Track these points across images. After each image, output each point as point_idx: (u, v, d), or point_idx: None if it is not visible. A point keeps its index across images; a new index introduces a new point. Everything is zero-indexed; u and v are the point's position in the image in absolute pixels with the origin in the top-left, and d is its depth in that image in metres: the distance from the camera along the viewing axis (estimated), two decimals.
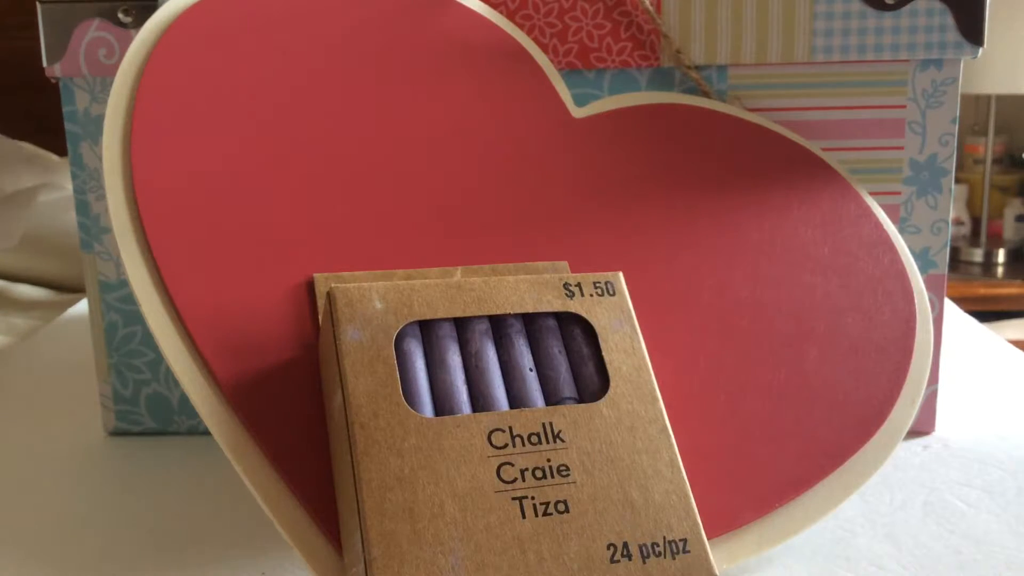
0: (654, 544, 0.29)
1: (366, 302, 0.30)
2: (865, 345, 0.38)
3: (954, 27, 0.43)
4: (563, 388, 0.31)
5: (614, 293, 0.33)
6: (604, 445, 0.30)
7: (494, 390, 0.31)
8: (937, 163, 0.44)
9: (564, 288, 0.33)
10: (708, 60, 0.43)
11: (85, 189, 0.46)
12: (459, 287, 0.32)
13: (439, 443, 0.29)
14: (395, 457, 0.28)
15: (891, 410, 0.37)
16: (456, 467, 0.28)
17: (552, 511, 0.29)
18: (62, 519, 0.41)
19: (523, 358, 0.32)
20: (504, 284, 0.32)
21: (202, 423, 0.49)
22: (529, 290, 0.32)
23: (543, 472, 0.29)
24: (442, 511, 0.28)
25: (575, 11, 0.43)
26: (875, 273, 0.39)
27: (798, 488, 0.35)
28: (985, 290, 1.91)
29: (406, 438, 0.29)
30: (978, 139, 2.12)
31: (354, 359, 0.29)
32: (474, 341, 0.31)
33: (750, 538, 0.35)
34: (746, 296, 0.38)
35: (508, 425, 0.30)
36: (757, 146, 0.41)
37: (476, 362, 0.31)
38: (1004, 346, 0.62)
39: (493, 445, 0.29)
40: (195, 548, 0.38)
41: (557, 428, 0.30)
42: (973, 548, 0.37)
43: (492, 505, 0.28)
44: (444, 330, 0.31)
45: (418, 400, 0.30)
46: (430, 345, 0.31)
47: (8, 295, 0.98)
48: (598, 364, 0.32)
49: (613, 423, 0.31)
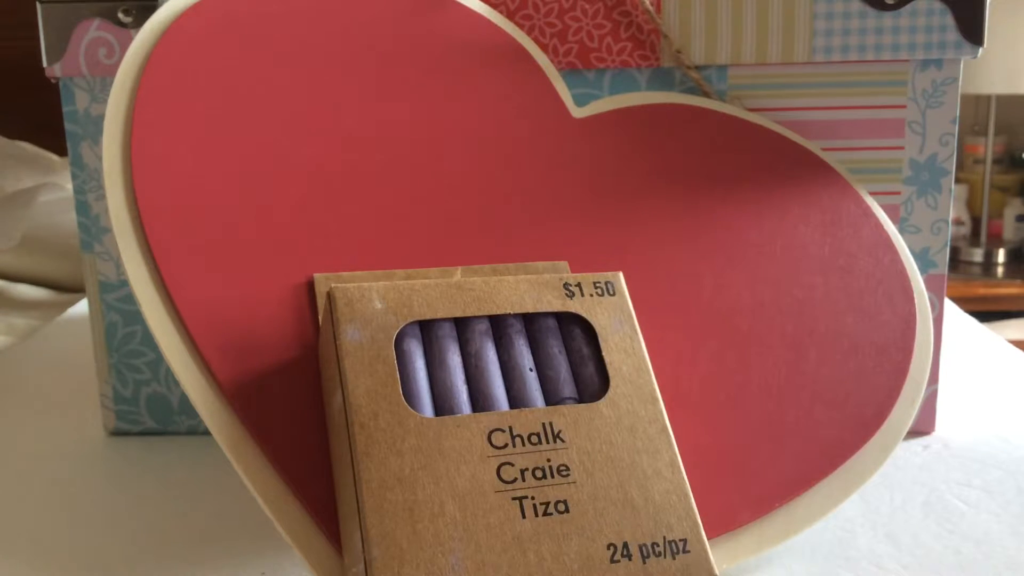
0: (654, 544, 0.29)
1: (366, 302, 0.30)
2: (865, 345, 0.38)
3: (954, 27, 0.43)
4: (563, 388, 0.31)
5: (614, 293, 0.33)
6: (604, 445, 0.30)
7: (494, 390, 0.31)
8: (937, 163, 0.44)
9: (564, 288, 0.33)
10: (708, 60, 0.43)
11: (85, 189, 0.46)
12: (459, 287, 0.32)
13: (439, 443, 0.29)
14: (395, 457, 0.28)
15: (891, 410, 0.37)
16: (456, 467, 0.28)
17: (552, 511, 0.29)
18: (62, 519, 0.41)
19: (523, 358, 0.32)
20: (504, 284, 0.32)
21: (202, 423, 0.49)
22: (529, 290, 0.32)
23: (543, 472, 0.29)
24: (442, 511, 0.28)
25: (575, 11, 0.43)
26: (875, 273, 0.39)
27: (798, 488, 0.35)
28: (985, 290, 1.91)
29: (406, 438, 0.29)
30: (978, 139, 2.12)
31: (354, 359, 0.29)
32: (474, 341, 0.31)
33: (750, 538, 0.35)
34: (746, 296, 0.38)
35: (508, 425, 0.30)
36: (757, 146, 0.41)
37: (476, 362, 0.31)
38: (1004, 346, 0.62)
39: (493, 445, 0.29)
40: (195, 548, 0.38)
41: (557, 428, 0.30)
42: (973, 548, 0.37)
43: (492, 505, 0.28)
44: (444, 330, 0.31)
45: (418, 400, 0.30)
46: (430, 345, 0.31)
47: (8, 295, 0.98)
48: (598, 364, 0.32)
49: (613, 423, 0.31)
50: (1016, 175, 2.13)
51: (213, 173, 0.35)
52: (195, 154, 0.35)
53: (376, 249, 0.36)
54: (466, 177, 0.38)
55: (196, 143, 0.36)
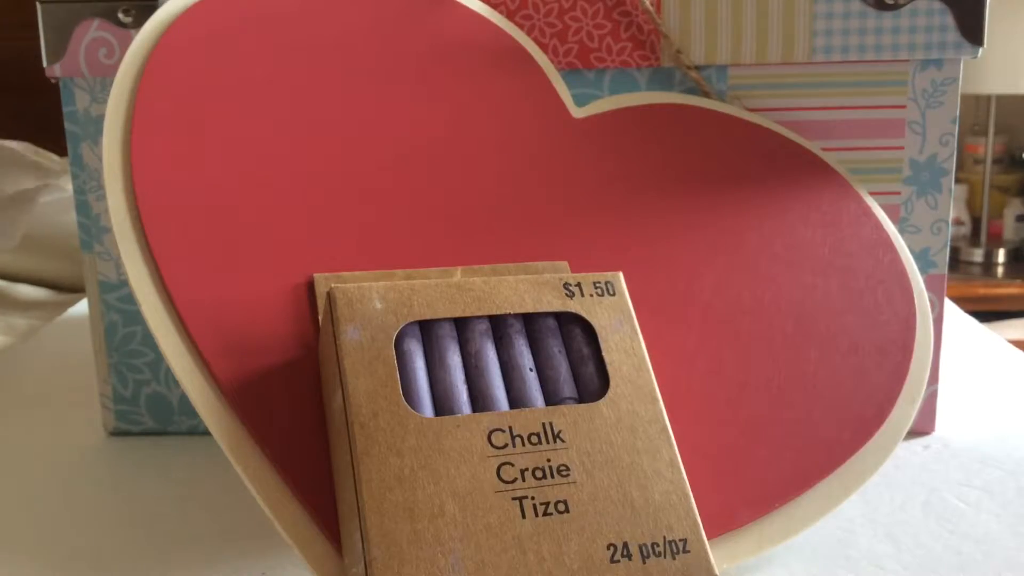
0: (654, 544, 0.29)
1: (366, 302, 0.30)
2: (865, 345, 0.38)
3: (954, 27, 0.43)
4: (563, 388, 0.31)
5: (614, 293, 0.33)
6: (604, 445, 0.30)
7: (494, 390, 0.31)
8: (937, 163, 0.44)
9: (564, 288, 0.33)
10: (708, 60, 0.43)
11: (85, 189, 0.46)
12: (459, 287, 0.32)
13: (439, 443, 0.29)
14: (395, 457, 0.28)
15: (891, 410, 0.37)
16: (456, 467, 0.29)
17: (552, 511, 0.29)
18: (62, 519, 0.41)
19: (523, 358, 0.32)
20: (504, 284, 0.32)
21: (202, 423, 0.49)
22: (529, 290, 0.32)
23: (543, 472, 0.29)
24: (442, 511, 0.28)
25: (575, 11, 0.43)
26: (875, 273, 0.39)
27: (798, 488, 0.35)
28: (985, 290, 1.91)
29: (406, 438, 0.29)
30: (978, 139, 2.12)
31: (354, 359, 0.29)
32: (474, 341, 0.31)
33: (750, 538, 0.35)
34: (746, 296, 0.38)
35: (508, 425, 0.30)
36: (757, 146, 0.41)
37: (476, 362, 0.31)
38: (1004, 346, 0.62)
39: (493, 445, 0.29)
40: (195, 548, 0.38)
41: (557, 428, 0.30)
42: (973, 548, 0.37)
43: (492, 505, 0.28)
44: (444, 330, 0.31)
45: (418, 400, 0.30)
46: (430, 345, 0.31)
47: (8, 295, 0.98)
48: (598, 364, 0.32)
49: (613, 423, 0.31)
50: (1016, 175, 2.13)
51: (213, 173, 0.35)
52: (195, 154, 0.35)
53: (376, 249, 0.36)
54: (466, 177, 0.38)
55: (196, 143, 0.36)
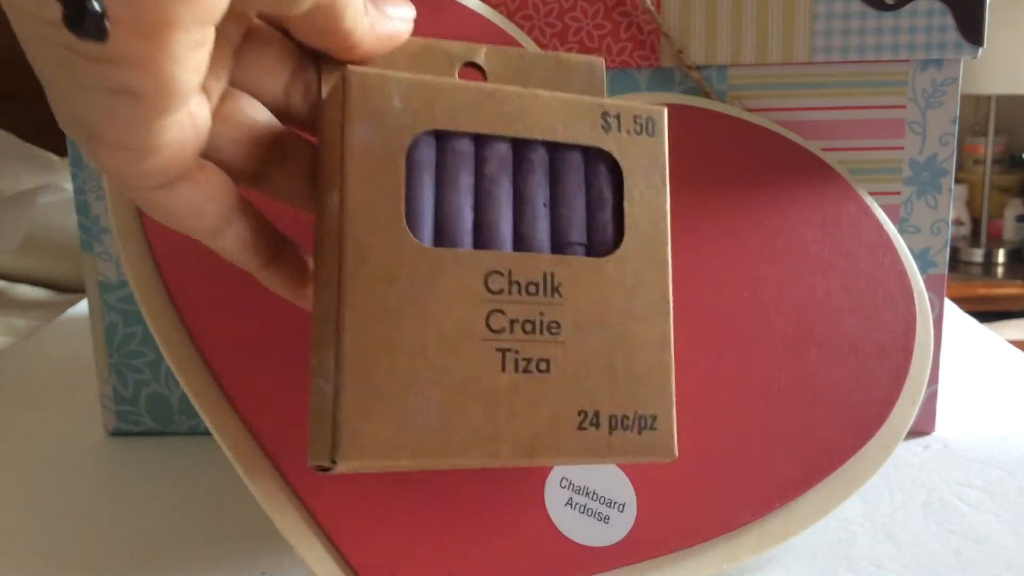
0: (624, 417, 0.28)
1: (384, 97, 0.27)
2: (865, 345, 0.38)
3: (954, 27, 0.43)
4: (574, 232, 0.29)
5: (653, 133, 0.30)
6: (600, 307, 0.29)
7: (501, 222, 0.29)
8: (937, 163, 0.44)
9: (602, 118, 0.30)
10: (708, 60, 0.43)
11: (85, 189, 0.46)
12: (490, 95, 0.29)
13: (433, 278, 0.27)
14: (385, 285, 0.26)
15: (891, 410, 0.37)
16: (446, 308, 0.27)
17: (532, 369, 0.28)
18: (62, 519, 0.41)
19: (539, 189, 0.29)
20: (538, 102, 0.29)
21: (202, 423, 0.49)
22: (563, 114, 0.29)
23: (533, 326, 0.28)
24: (423, 351, 0.26)
25: (575, 11, 0.43)
26: (875, 274, 0.39)
27: (798, 488, 0.35)
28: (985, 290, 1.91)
29: (401, 266, 0.27)
30: (978, 139, 2.12)
31: (360, 164, 0.27)
32: (492, 162, 0.29)
33: (750, 538, 0.35)
34: (746, 296, 0.38)
35: (508, 269, 0.28)
36: (757, 146, 0.41)
37: (489, 187, 0.29)
38: (1004, 346, 0.62)
39: (489, 289, 0.28)
40: (195, 548, 0.38)
41: (558, 280, 0.28)
42: (973, 548, 0.37)
43: (475, 352, 0.27)
44: (463, 145, 0.29)
45: (419, 221, 0.28)
46: (443, 158, 0.28)
47: (8, 295, 0.98)
48: (616, 212, 0.30)
49: (615, 284, 0.29)
50: (1016, 175, 2.13)
51: None
52: None
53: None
54: None
55: None
